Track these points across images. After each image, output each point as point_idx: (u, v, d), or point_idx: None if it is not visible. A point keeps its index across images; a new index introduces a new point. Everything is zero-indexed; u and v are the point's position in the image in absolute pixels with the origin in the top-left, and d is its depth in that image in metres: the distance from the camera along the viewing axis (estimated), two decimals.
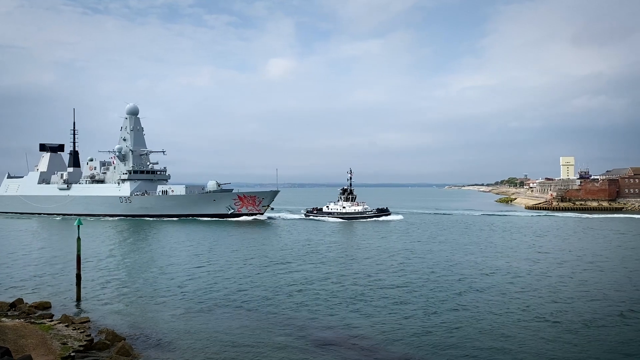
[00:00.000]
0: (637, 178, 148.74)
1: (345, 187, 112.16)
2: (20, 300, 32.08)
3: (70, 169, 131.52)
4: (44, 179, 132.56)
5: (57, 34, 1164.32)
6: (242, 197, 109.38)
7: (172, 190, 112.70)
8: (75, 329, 24.95)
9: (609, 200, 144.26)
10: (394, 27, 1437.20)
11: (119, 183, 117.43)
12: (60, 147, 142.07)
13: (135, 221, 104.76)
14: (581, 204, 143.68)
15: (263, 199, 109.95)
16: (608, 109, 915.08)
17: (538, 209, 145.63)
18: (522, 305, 32.05)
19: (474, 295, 34.95)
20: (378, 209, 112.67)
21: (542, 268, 45.98)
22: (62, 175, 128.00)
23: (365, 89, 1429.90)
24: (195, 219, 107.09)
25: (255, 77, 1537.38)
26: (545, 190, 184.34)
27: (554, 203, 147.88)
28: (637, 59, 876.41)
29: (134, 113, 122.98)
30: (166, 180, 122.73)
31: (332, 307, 32.20)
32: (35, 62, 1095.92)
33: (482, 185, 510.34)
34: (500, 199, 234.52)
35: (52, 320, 26.84)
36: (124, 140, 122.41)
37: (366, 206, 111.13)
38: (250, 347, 24.67)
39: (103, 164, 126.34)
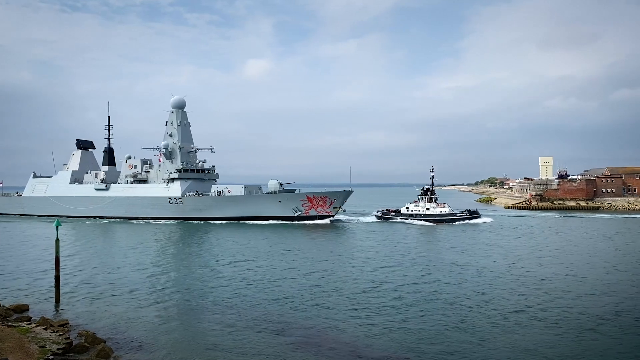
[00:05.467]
0: (613, 178, 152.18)
1: (427, 187, 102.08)
2: None
3: (106, 168, 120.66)
4: (76, 179, 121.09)
5: (35, 32, 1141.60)
6: (311, 198, 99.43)
7: (229, 191, 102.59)
8: (54, 332, 24.47)
9: (587, 199, 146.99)
10: (373, 28, 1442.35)
11: (167, 183, 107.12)
12: (91, 145, 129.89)
13: (188, 224, 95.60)
14: (560, 204, 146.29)
15: (335, 199, 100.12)
16: (580, 110, 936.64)
17: (517, 209, 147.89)
18: None
19: None
20: (469, 210, 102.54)
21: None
22: (96, 174, 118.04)
23: (344, 89, 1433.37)
24: (246, 223, 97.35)
25: (236, 76, 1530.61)
26: (525, 190, 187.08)
27: (533, 202, 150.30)
28: (604, 63, 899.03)
29: (180, 107, 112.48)
30: (215, 179, 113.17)
31: None
32: (12, 60, 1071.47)
33: (463, 185, 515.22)
34: (480, 198, 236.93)
35: (30, 323, 26.27)
36: (170, 136, 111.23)
37: (450, 208, 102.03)
38: (237, 349, 24.50)
39: (145, 162, 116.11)
